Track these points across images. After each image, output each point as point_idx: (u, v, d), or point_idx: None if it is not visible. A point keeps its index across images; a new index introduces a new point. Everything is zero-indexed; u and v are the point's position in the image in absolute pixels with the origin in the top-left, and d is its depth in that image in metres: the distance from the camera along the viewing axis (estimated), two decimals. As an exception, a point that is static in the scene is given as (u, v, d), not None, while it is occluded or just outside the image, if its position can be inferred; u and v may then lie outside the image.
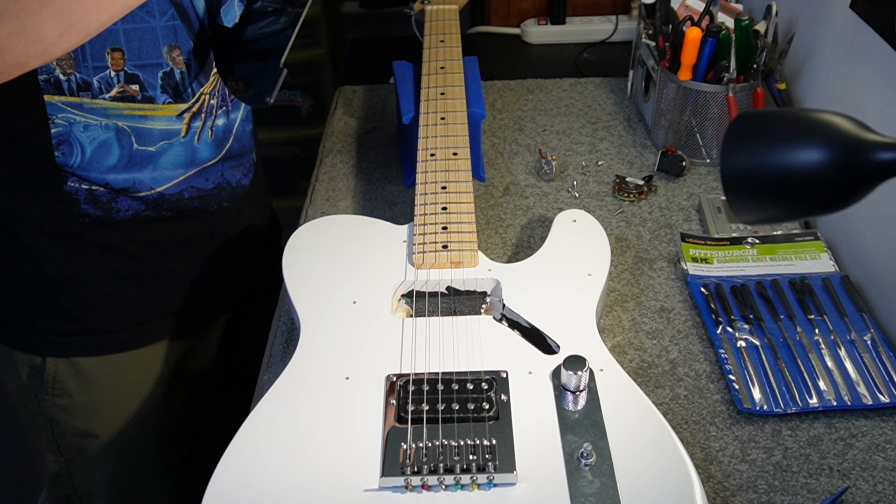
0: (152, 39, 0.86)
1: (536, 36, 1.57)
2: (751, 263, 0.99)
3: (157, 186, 0.93)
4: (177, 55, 0.88)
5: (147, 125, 0.89)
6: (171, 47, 0.87)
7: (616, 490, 0.67)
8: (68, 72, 0.83)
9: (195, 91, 0.92)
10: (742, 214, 0.61)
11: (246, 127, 1.03)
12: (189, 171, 0.95)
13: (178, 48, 0.88)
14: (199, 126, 0.94)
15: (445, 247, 0.89)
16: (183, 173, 0.95)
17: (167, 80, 0.88)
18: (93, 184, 0.90)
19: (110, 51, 0.84)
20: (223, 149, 0.98)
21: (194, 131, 0.93)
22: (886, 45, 0.96)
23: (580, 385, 0.75)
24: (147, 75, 0.87)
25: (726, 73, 1.13)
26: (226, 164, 1.00)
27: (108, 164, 0.89)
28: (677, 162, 1.16)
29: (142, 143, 0.90)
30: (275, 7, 0.92)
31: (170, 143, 0.92)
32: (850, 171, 0.55)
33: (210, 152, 0.97)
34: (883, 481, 0.77)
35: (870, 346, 0.88)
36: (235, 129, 1.00)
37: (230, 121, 0.99)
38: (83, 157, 0.88)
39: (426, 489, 0.68)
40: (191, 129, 0.93)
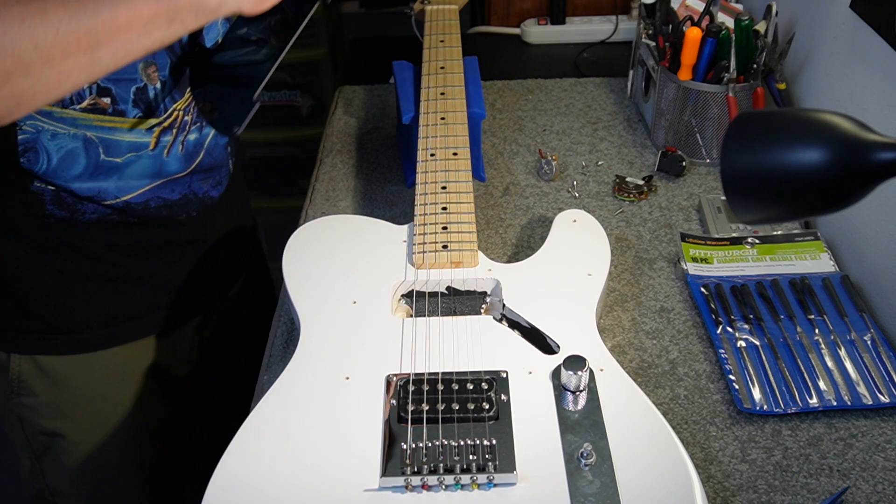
0: None
1: (536, 36, 1.57)
2: (751, 263, 1.00)
3: (123, 195, 0.92)
4: (152, 72, 0.87)
5: (115, 137, 0.88)
6: (148, 64, 0.86)
7: (616, 490, 0.67)
8: None
9: (168, 107, 0.91)
10: (742, 214, 0.61)
11: (219, 141, 1.01)
12: (155, 182, 0.94)
13: (154, 65, 0.87)
14: (169, 140, 0.92)
15: (445, 247, 0.89)
16: (149, 184, 0.94)
17: (140, 95, 0.87)
18: (59, 188, 0.90)
19: None
20: (193, 163, 0.97)
21: (164, 145, 0.92)
22: (886, 45, 0.96)
23: (580, 385, 0.75)
24: (120, 89, 0.86)
25: (726, 73, 1.13)
26: (194, 177, 0.99)
27: (73, 172, 0.88)
28: (677, 162, 1.16)
29: (109, 154, 0.88)
30: (259, 37, 0.91)
31: (137, 155, 0.90)
32: (850, 171, 0.55)
33: (179, 166, 0.95)
34: (883, 481, 0.77)
35: (870, 346, 0.88)
36: (207, 143, 0.98)
37: (203, 136, 0.97)
38: (49, 165, 0.87)
39: (426, 489, 0.68)
40: (160, 143, 0.92)
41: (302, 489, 0.69)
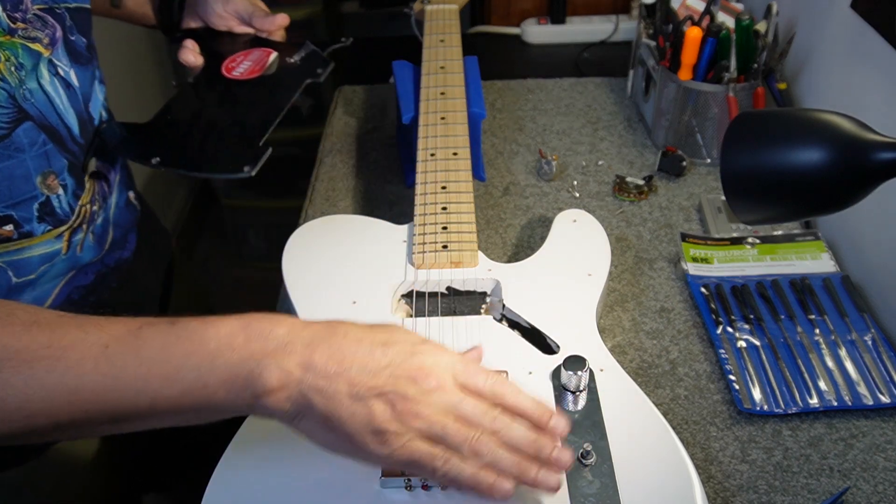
0: (23, 175, 0.76)
1: (536, 36, 1.57)
2: (751, 263, 0.99)
3: (42, 304, 0.84)
4: (52, 181, 0.79)
5: (25, 256, 0.80)
6: (46, 174, 0.78)
7: (616, 490, 0.67)
8: None
9: (73, 207, 0.83)
10: (742, 214, 0.62)
11: (121, 203, 0.94)
12: (68, 276, 0.86)
13: (52, 173, 0.79)
14: (80, 238, 0.85)
15: (445, 247, 0.89)
16: (63, 280, 0.86)
17: (44, 209, 0.79)
18: None
19: None
20: (105, 244, 0.90)
21: (76, 244, 0.84)
22: (887, 44, 0.96)
23: (580, 385, 0.74)
24: (21, 212, 0.78)
25: (727, 72, 1.13)
26: (106, 253, 0.91)
27: None
28: (677, 162, 1.16)
29: (21, 274, 0.80)
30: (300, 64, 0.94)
31: (51, 264, 0.82)
32: (850, 171, 0.55)
33: (92, 253, 0.88)
34: (883, 481, 0.77)
35: (870, 346, 0.88)
36: (112, 216, 0.91)
37: (105, 211, 0.90)
38: None
39: (426, 489, 0.68)
40: (72, 244, 0.84)
41: (302, 490, 0.68)
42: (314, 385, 0.58)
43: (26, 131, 0.76)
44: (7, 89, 0.74)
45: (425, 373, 0.59)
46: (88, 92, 0.85)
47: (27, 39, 0.76)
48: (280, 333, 0.59)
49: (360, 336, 0.60)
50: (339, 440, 0.59)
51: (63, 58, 0.81)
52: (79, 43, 0.83)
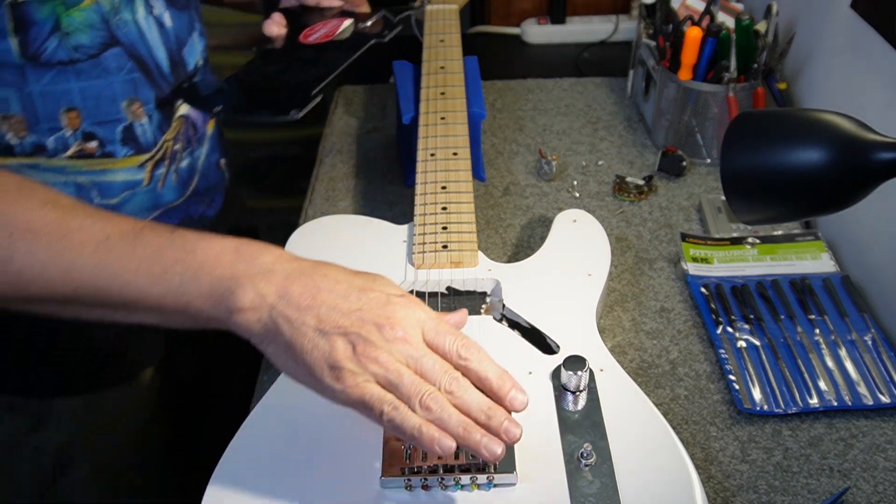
0: (110, 96, 0.83)
1: (536, 36, 1.57)
2: (751, 263, 0.99)
3: None
4: (137, 108, 0.85)
5: (108, 178, 0.86)
6: (131, 101, 0.85)
7: (616, 490, 0.67)
8: (21, 134, 0.80)
9: (157, 139, 0.89)
10: (742, 214, 0.62)
11: (212, 159, 1.00)
12: (153, 214, 0.93)
13: (138, 101, 0.85)
14: (162, 173, 0.91)
15: (445, 247, 0.89)
16: (147, 216, 0.92)
17: (127, 133, 0.85)
18: None
19: (65, 111, 0.81)
20: (188, 188, 0.96)
21: (158, 178, 0.90)
22: (887, 44, 0.96)
23: (580, 385, 0.74)
24: (105, 132, 0.84)
25: (727, 72, 1.13)
26: (190, 202, 0.97)
27: None
28: (677, 162, 1.16)
29: (104, 196, 0.86)
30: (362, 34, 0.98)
31: (133, 192, 0.88)
32: (851, 171, 0.55)
33: (175, 194, 0.94)
34: (883, 481, 0.77)
35: (870, 346, 0.88)
36: (200, 166, 0.98)
37: (194, 159, 0.96)
38: None
39: (426, 489, 0.68)
40: (154, 177, 0.90)
41: (302, 489, 0.68)
42: (284, 313, 0.61)
43: (115, 56, 0.82)
44: (101, 13, 0.80)
45: (393, 322, 0.61)
46: (184, 37, 0.90)
47: None
48: (266, 261, 0.63)
49: (341, 278, 0.63)
50: (299, 369, 0.62)
51: (158, 0, 0.86)
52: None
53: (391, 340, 0.61)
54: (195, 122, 0.96)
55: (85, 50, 0.80)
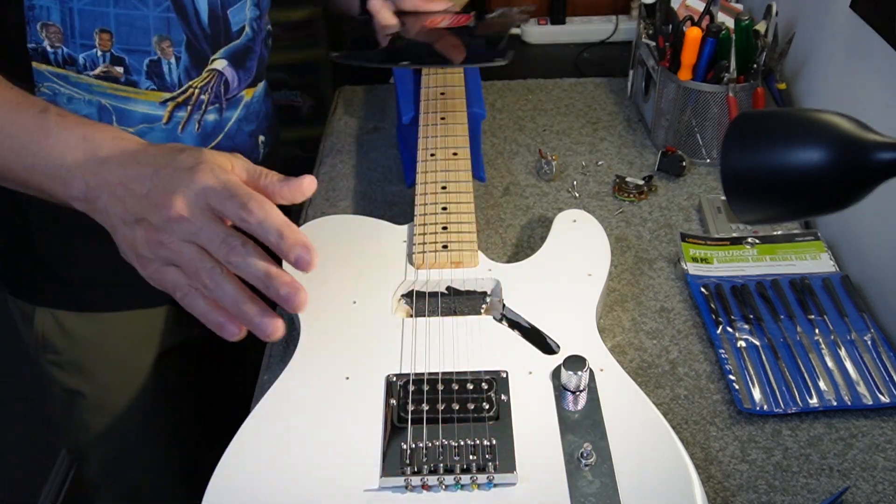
0: (143, 27, 0.85)
1: (536, 36, 1.57)
2: (751, 263, 0.99)
3: None
4: (167, 46, 0.87)
5: (129, 106, 0.88)
6: (162, 38, 0.87)
7: (616, 490, 0.67)
8: (56, 44, 0.83)
9: (183, 82, 0.91)
10: (742, 214, 0.61)
11: (244, 127, 1.01)
12: None
13: (168, 40, 0.87)
14: (183, 116, 0.92)
15: (445, 247, 0.89)
16: None
17: (153, 67, 0.88)
18: None
19: (99, 31, 0.83)
20: (210, 144, 0.97)
21: (178, 120, 0.92)
22: (886, 45, 0.96)
23: (580, 385, 0.75)
24: (133, 60, 0.86)
25: (726, 73, 1.13)
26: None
27: None
28: (677, 162, 1.16)
29: (122, 122, 0.89)
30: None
31: (150, 126, 0.90)
32: (850, 171, 0.55)
33: (193, 143, 0.94)
34: (883, 481, 0.77)
35: (870, 346, 0.88)
36: (228, 127, 0.99)
37: (223, 118, 0.97)
38: None
39: (426, 489, 0.68)
40: (174, 118, 0.92)
41: (302, 489, 0.68)
42: (105, 206, 0.66)
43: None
44: None
45: (171, 201, 0.62)
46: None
47: None
48: (104, 152, 0.67)
49: (151, 160, 0.65)
50: (124, 254, 0.67)
51: None
52: None
53: (169, 220, 0.62)
54: (229, 81, 0.96)
55: None
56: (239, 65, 0.97)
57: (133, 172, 0.65)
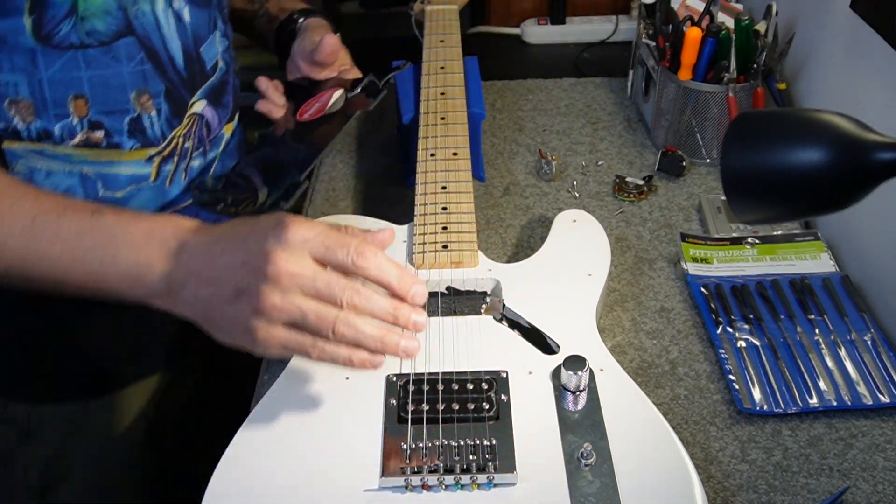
0: (119, 85, 0.81)
1: (536, 36, 1.57)
2: (751, 263, 0.99)
3: None
4: (146, 100, 0.83)
5: (113, 170, 0.84)
6: (140, 92, 0.83)
7: (616, 490, 0.67)
8: (28, 119, 0.79)
9: (166, 134, 0.87)
10: (742, 214, 0.62)
11: (227, 164, 0.97)
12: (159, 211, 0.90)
13: (147, 93, 0.83)
14: (170, 169, 0.88)
15: (445, 247, 0.89)
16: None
17: (135, 125, 0.84)
18: None
19: (73, 98, 0.80)
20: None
21: (165, 174, 0.88)
22: (886, 45, 0.96)
23: (580, 385, 0.75)
24: (113, 121, 0.82)
25: (726, 73, 1.13)
26: (202, 213, 0.92)
27: None
28: (677, 162, 1.16)
29: (108, 188, 0.85)
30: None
31: (138, 187, 0.86)
32: (850, 171, 0.55)
33: (184, 195, 0.91)
34: (883, 481, 0.77)
35: (870, 346, 0.88)
36: (214, 169, 0.95)
37: (207, 161, 0.94)
38: None
39: (426, 489, 0.68)
40: (161, 173, 0.87)
41: (302, 489, 0.68)
42: (193, 293, 0.65)
43: (127, 45, 0.80)
44: (119, 0, 0.79)
45: (273, 259, 0.61)
46: (203, 34, 0.88)
47: None
48: (176, 243, 0.66)
49: (233, 234, 0.65)
50: (226, 339, 0.65)
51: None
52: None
53: (278, 279, 0.61)
54: (210, 122, 0.93)
55: (98, 36, 0.79)
56: (217, 103, 0.93)
57: (218, 250, 0.64)
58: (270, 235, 0.63)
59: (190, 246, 0.66)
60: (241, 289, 0.62)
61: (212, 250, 0.65)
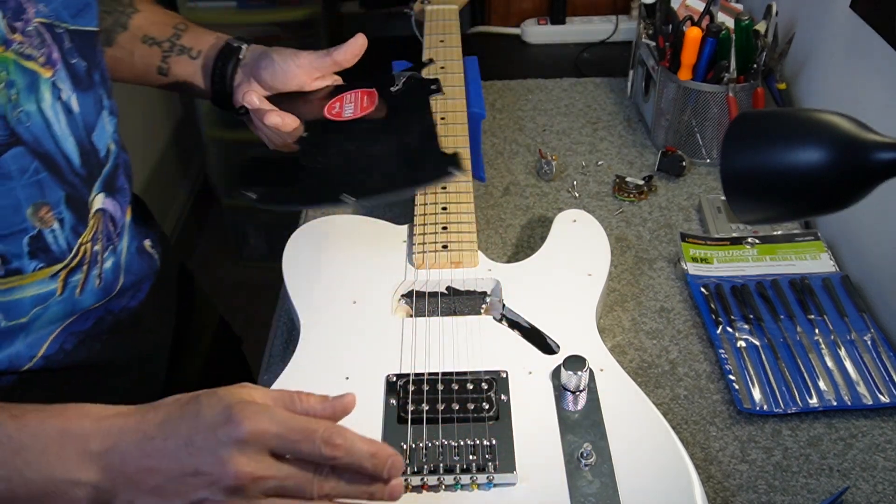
0: (12, 205, 0.69)
1: (536, 36, 1.57)
2: (751, 263, 0.99)
3: (37, 351, 0.77)
4: (45, 213, 0.72)
5: (16, 297, 0.72)
6: (38, 206, 0.71)
7: (616, 490, 0.67)
8: None
9: (72, 245, 0.75)
10: (742, 214, 0.62)
11: (133, 248, 0.87)
12: (67, 322, 0.79)
13: (46, 205, 0.71)
14: (79, 279, 0.77)
15: (445, 247, 0.89)
16: (59, 326, 0.78)
17: (36, 243, 0.71)
18: None
19: None
20: (114, 290, 0.82)
21: (74, 285, 0.77)
22: (886, 45, 0.96)
23: (580, 385, 0.75)
24: (9, 246, 0.70)
25: (726, 73, 1.13)
26: (112, 303, 0.83)
27: None
28: (677, 162, 1.16)
29: (11, 318, 0.73)
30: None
31: (45, 307, 0.75)
32: (850, 171, 0.55)
33: (96, 299, 0.80)
34: (883, 481, 0.77)
35: (870, 346, 0.88)
36: (125, 261, 0.84)
37: (118, 255, 0.83)
38: None
39: (426, 489, 0.68)
40: (69, 285, 0.76)
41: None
42: (131, 502, 0.57)
43: (16, 157, 0.68)
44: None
45: (232, 465, 0.55)
46: (93, 121, 0.78)
47: (21, 56, 0.69)
48: (99, 443, 0.57)
49: (170, 431, 0.57)
50: None
51: (65, 81, 0.74)
52: (79, 66, 0.76)
53: (241, 487, 0.55)
54: (113, 214, 0.82)
55: None
56: (114, 190, 0.82)
57: (155, 451, 0.56)
58: (221, 435, 0.55)
59: (120, 447, 0.57)
60: (199, 499, 0.56)
61: (147, 452, 0.56)
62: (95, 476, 0.57)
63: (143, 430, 0.57)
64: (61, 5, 0.74)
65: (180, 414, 0.58)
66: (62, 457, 0.57)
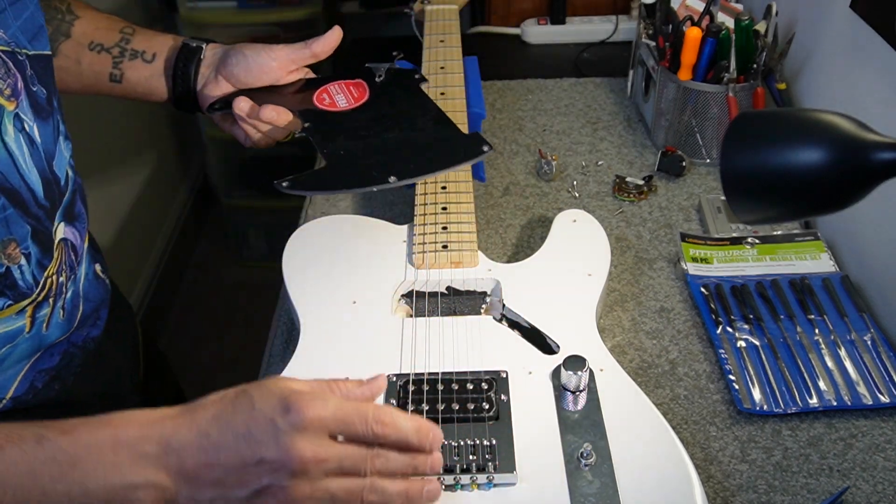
0: None
1: (536, 36, 1.57)
2: (751, 263, 0.99)
3: (6, 392, 0.76)
4: (12, 250, 0.70)
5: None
6: (6, 243, 0.69)
7: (616, 490, 0.67)
8: None
9: (38, 279, 0.73)
10: (742, 214, 0.62)
11: (90, 274, 0.85)
12: (32, 359, 0.78)
13: (12, 241, 0.70)
14: (46, 313, 0.76)
15: (445, 247, 0.89)
16: (27, 363, 0.77)
17: (3, 282, 0.70)
18: None
19: None
20: (75, 320, 0.81)
21: (41, 320, 0.75)
22: (887, 45, 0.96)
23: (580, 385, 0.75)
24: None
25: (726, 73, 1.13)
26: (74, 334, 0.82)
27: None
28: (677, 162, 1.16)
29: None
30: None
31: (13, 345, 0.74)
32: (850, 171, 0.55)
33: (61, 331, 0.79)
34: (883, 481, 0.77)
35: (870, 346, 0.88)
36: (83, 289, 0.83)
37: (76, 283, 0.81)
38: None
39: (426, 489, 0.68)
40: (37, 320, 0.75)
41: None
42: (196, 499, 0.58)
43: None
44: None
45: (293, 453, 0.57)
46: (52, 149, 0.76)
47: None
48: (149, 448, 0.58)
49: (222, 427, 0.58)
50: None
51: (27, 111, 0.71)
52: (40, 94, 0.74)
53: (305, 470, 0.57)
54: (74, 242, 0.80)
55: None
56: (73, 217, 0.80)
57: (216, 448, 0.57)
58: (281, 423, 0.57)
59: (174, 445, 0.58)
60: (263, 486, 0.57)
61: (205, 448, 0.57)
62: (155, 477, 0.57)
63: (197, 428, 0.58)
64: (18, 30, 0.72)
65: (233, 408, 0.59)
66: (117, 464, 0.58)
